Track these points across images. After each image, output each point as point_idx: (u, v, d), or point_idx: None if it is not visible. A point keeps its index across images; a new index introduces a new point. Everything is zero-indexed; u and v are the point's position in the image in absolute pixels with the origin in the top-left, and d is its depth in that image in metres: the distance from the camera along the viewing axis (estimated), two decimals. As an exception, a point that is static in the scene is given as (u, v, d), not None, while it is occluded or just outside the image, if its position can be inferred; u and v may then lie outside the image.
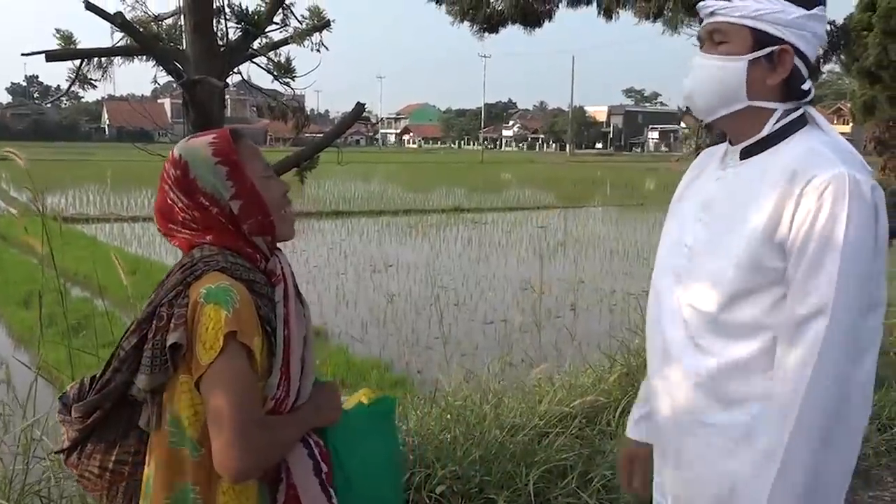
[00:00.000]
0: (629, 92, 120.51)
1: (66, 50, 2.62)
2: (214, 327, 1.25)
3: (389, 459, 1.60)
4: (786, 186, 1.31)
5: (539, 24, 6.27)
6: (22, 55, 2.68)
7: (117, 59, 2.83)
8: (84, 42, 2.67)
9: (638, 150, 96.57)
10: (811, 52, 1.39)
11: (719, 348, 1.39)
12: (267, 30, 2.82)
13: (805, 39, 1.37)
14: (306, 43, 2.83)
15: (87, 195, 22.77)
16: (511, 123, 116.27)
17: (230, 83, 2.86)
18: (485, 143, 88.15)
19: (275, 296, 1.40)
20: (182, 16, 2.68)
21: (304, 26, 2.86)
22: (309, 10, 2.86)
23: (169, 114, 58.75)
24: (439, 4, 6.30)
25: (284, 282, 1.43)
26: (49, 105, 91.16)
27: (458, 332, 7.95)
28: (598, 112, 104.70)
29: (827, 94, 66.74)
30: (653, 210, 18.74)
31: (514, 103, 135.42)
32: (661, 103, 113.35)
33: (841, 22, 6.87)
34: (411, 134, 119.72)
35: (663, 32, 5.68)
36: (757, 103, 1.40)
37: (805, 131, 1.40)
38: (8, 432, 2.75)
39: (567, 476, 3.04)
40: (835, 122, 51.10)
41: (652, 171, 41.66)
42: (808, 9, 1.35)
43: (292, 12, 2.89)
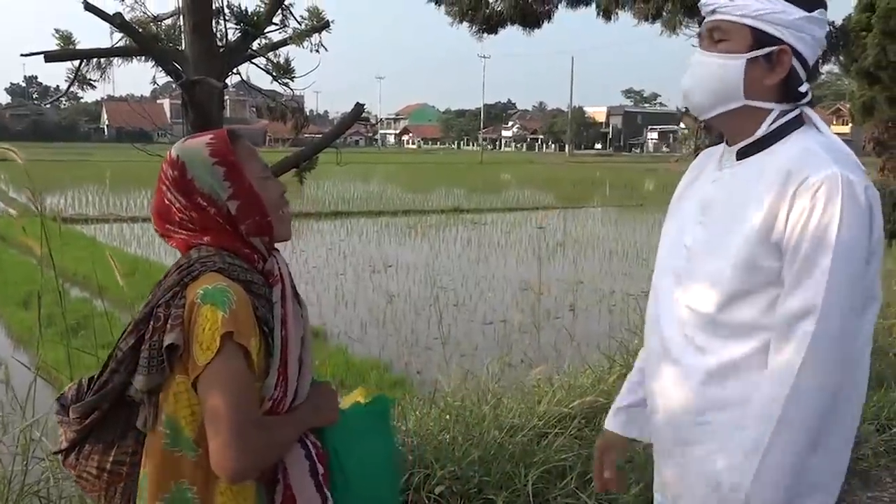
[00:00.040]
0: (628, 93, 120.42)
1: (65, 50, 2.62)
2: (211, 328, 1.25)
3: (388, 459, 1.60)
4: (781, 187, 1.32)
5: (538, 25, 6.29)
6: (21, 56, 2.67)
7: (116, 60, 2.83)
8: (83, 42, 2.67)
9: (637, 151, 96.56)
10: (810, 56, 1.39)
11: (717, 348, 1.40)
12: (266, 30, 2.82)
13: (804, 42, 1.37)
14: (305, 43, 2.83)
15: (87, 196, 22.76)
16: (510, 124, 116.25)
17: (229, 84, 2.86)
18: (484, 144, 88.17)
19: (272, 296, 1.39)
20: (181, 16, 2.68)
21: (304, 27, 2.86)
22: (308, 11, 2.86)
23: (168, 114, 58.71)
24: (438, 5, 6.31)
25: (282, 282, 1.43)
26: (48, 105, 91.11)
27: (458, 333, 7.95)
28: (598, 113, 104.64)
29: (826, 95, 66.88)
30: (652, 211, 18.72)
31: (514, 104, 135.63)
32: (661, 104, 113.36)
33: (840, 23, 6.88)
34: (410, 134, 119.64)
35: (661, 34, 5.70)
36: (753, 103, 1.40)
37: (801, 131, 1.41)
38: (7, 433, 2.74)
39: (566, 476, 3.05)
40: (834, 123, 51.17)
41: (651, 172, 41.66)
42: (809, 11, 1.36)
43: (291, 13, 2.90)
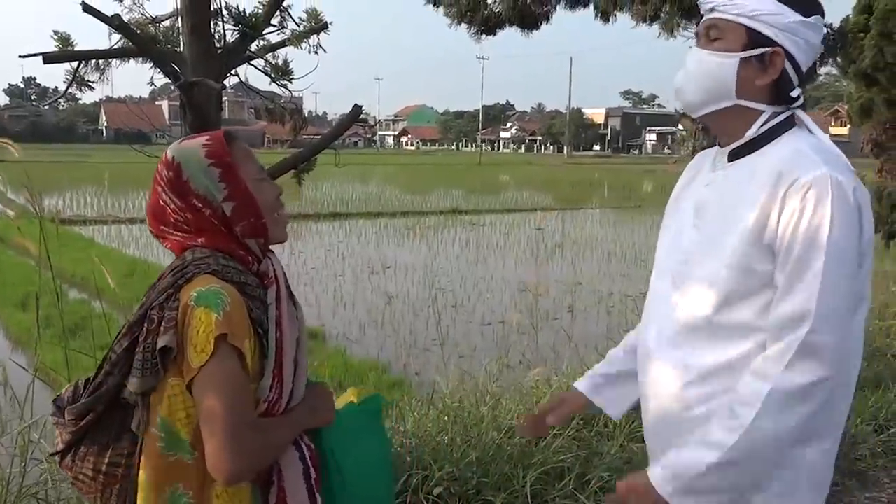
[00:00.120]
0: (627, 94, 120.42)
1: (64, 52, 2.62)
2: (205, 330, 1.25)
3: (384, 458, 1.60)
4: (771, 188, 1.33)
5: (536, 27, 6.28)
6: (20, 57, 2.65)
7: (115, 61, 2.84)
8: (82, 44, 2.67)
9: (635, 152, 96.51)
10: (803, 61, 1.40)
11: (712, 349, 1.40)
12: (264, 32, 2.82)
13: (798, 46, 1.38)
14: (304, 45, 2.83)
15: (85, 197, 22.73)
16: (509, 125, 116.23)
17: (227, 85, 2.86)
18: (483, 145, 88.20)
19: (267, 298, 1.40)
20: (179, 18, 2.68)
21: (302, 28, 2.86)
22: (307, 13, 2.87)
23: (167, 115, 58.58)
24: (437, 6, 6.30)
25: (277, 284, 1.42)
26: (46, 107, 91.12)
27: (456, 334, 7.95)
28: (596, 114, 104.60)
29: (825, 97, 66.95)
30: (650, 212, 18.72)
31: (512, 105, 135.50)
32: (659, 105, 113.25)
33: (838, 24, 6.89)
34: (409, 136, 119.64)
35: (659, 35, 5.70)
36: (745, 103, 1.41)
37: (792, 133, 1.41)
38: (5, 434, 2.74)
39: (564, 478, 3.05)
40: (832, 125, 51.13)
41: (649, 173, 41.71)
42: (805, 16, 1.37)
43: (290, 14, 2.90)
